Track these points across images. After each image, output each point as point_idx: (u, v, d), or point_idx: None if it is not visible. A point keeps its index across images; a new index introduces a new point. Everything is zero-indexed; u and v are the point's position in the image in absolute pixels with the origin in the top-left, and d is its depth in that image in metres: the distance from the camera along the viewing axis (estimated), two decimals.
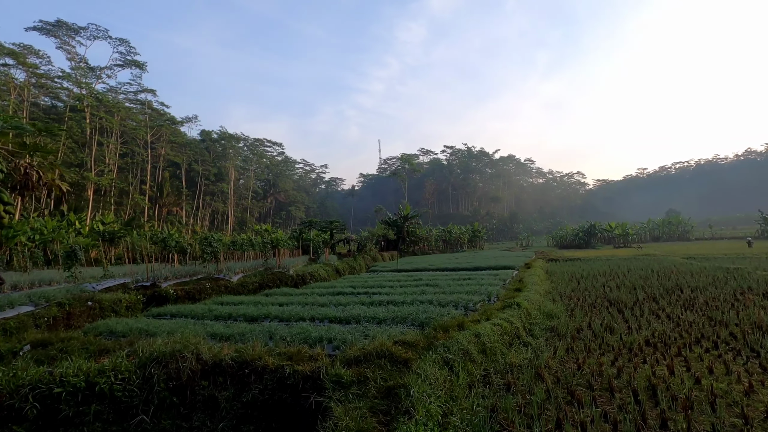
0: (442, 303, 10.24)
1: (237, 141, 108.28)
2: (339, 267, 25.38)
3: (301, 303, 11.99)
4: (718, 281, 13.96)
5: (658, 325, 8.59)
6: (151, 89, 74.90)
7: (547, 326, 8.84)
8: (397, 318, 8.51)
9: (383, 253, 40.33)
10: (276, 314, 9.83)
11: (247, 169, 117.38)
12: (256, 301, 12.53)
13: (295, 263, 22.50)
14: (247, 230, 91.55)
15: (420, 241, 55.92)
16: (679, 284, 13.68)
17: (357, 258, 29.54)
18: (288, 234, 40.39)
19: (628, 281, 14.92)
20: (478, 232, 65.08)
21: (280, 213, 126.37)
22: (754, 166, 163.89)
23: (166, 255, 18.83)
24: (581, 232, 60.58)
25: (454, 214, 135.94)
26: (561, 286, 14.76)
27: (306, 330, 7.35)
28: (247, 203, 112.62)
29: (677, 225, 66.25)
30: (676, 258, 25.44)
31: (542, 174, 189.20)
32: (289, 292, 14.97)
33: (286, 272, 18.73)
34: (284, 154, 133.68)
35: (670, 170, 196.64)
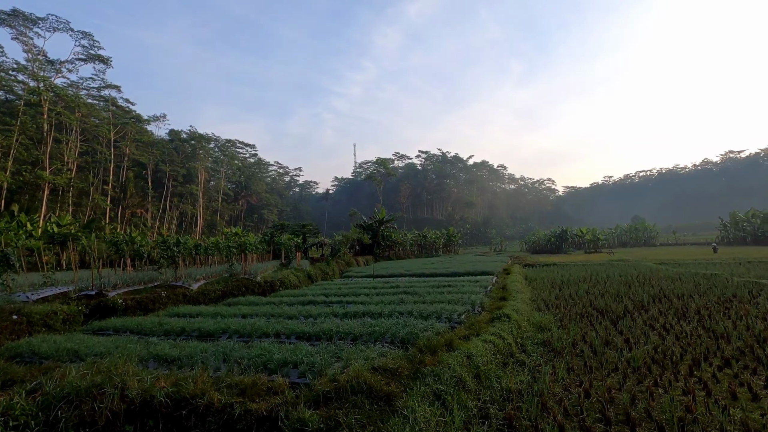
0: (423, 314, 9.29)
1: (208, 141, 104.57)
2: (311, 272, 24.11)
3: (266, 314, 10.77)
4: (701, 288, 13.69)
5: (656, 338, 7.95)
6: (115, 85, 71.06)
7: (539, 340, 8.04)
8: (375, 334, 7.48)
9: (358, 257, 39.22)
10: (236, 329, 8.60)
11: (218, 170, 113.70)
12: (216, 313, 11.20)
13: (264, 269, 21.09)
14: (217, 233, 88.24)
15: (395, 245, 55.12)
16: (663, 291, 13.29)
17: (330, 263, 28.31)
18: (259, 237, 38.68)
19: (611, 288, 14.46)
20: (453, 236, 64.93)
21: (252, 216, 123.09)
22: (711, 175, 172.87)
23: (118, 260, 17.07)
24: (553, 237, 61.45)
25: (428, 219, 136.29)
26: (544, 293, 14.14)
27: (268, 351, 6.20)
28: (218, 205, 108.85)
29: (643, 231, 68.31)
30: (649, 263, 25.57)
31: (514, 180, 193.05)
32: (255, 301, 13.67)
33: (253, 279, 17.34)
34: (257, 155, 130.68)
35: (634, 178, 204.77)
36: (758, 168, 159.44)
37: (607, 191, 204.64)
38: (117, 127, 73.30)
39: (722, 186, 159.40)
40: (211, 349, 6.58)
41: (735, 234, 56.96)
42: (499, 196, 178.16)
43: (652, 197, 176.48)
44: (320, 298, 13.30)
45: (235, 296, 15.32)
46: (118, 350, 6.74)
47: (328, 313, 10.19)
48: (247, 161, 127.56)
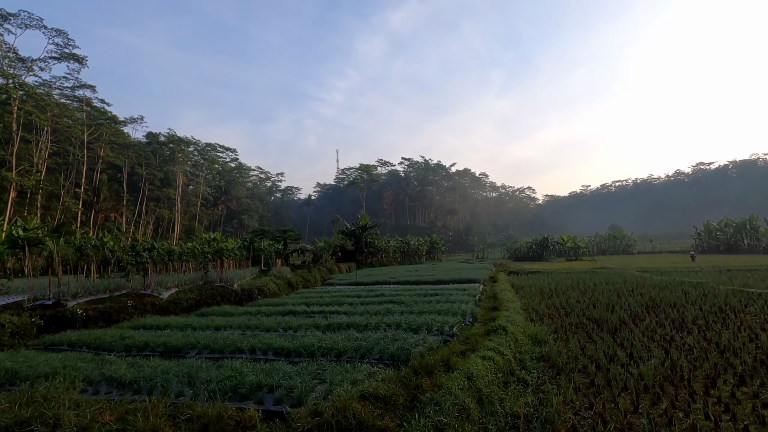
0: (413, 326, 8.63)
1: (187, 145, 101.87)
2: (292, 280, 23.16)
3: (242, 326, 9.92)
4: (691, 297, 13.47)
5: (659, 351, 7.50)
6: (90, 85, 68.34)
7: (537, 354, 7.49)
8: (362, 349, 6.78)
9: (340, 264, 38.32)
10: (206, 343, 7.75)
11: (198, 174, 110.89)
12: (186, 324, 10.27)
13: (241, 276, 20.07)
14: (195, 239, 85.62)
15: (378, 252, 54.37)
16: (655, 300, 13.01)
17: (312, 270, 27.39)
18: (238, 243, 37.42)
19: (601, 297, 14.12)
20: (437, 243, 64.67)
21: (232, 221, 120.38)
22: (683, 186, 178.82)
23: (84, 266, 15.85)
24: (535, 244, 61.87)
25: (411, 226, 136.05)
26: (534, 302, 13.68)
27: (239, 372, 5.43)
28: (196, 210, 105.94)
29: (621, 239, 69.54)
30: (632, 271, 25.63)
31: (495, 188, 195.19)
32: (231, 311, 12.75)
33: (229, 287, 16.36)
34: (238, 160, 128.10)
35: (610, 188, 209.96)
36: (727, 179, 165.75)
37: (585, 200, 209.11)
38: (91, 128, 70.56)
39: (694, 196, 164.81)
40: (175, 369, 5.76)
41: (709, 243, 58.47)
42: (481, 204, 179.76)
43: (628, 206, 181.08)
44: (301, 308, 12.50)
45: (209, 305, 14.33)
46: (66, 370, 5.85)
47: (309, 325, 9.41)
48: (228, 165, 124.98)
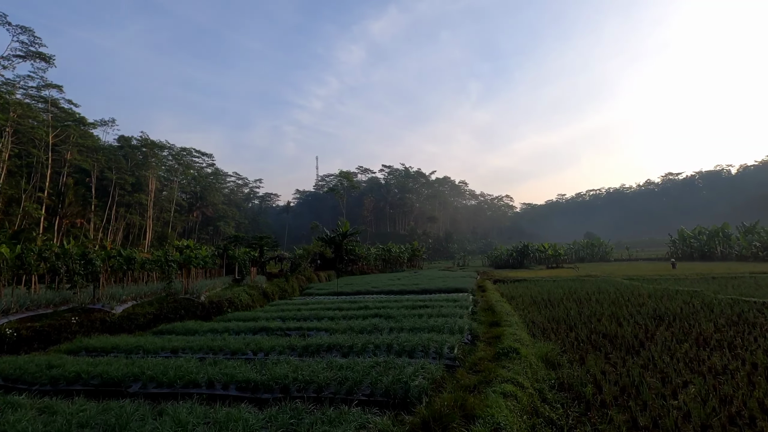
0: (406, 348, 7.36)
1: (161, 149, 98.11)
2: (267, 290, 21.52)
3: (203, 348, 8.42)
4: (694, 307, 12.71)
5: (689, 374, 6.49)
6: (56, 85, 64.50)
7: (554, 380, 6.34)
8: (348, 382, 5.46)
9: (319, 272, 36.70)
10: (154, 374, 6.26)
11: (171, 179, 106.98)
12: (137, 346, 8.68)
13: (210, 286, 18.36)
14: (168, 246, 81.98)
15: (359, 259, 52.89)
16: (658, 311, 12.16)
17: (290, 279, 25.76)
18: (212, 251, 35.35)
19: (600, 308, 13.21)
20: (418, 251, 63.66)
21: (207, 228, 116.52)
22: (653, 195, 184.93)
23: (21, 276, 13.86)
24: (515, 252, 61.69)
25: (391, 233, 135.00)
26: (531, 314, 12.64)
27: (184, 425, 4.03)
28: (170, 217, 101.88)
29: (598, 246, 70.31)
30: (619, 279, 25.11)
31: (475, 196, 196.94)
32: (194, 327, 11.16)
33: (195, 299, 14.68)
34: (214, 165, 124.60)
35: (585, 197, 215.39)
36: (693, 189, 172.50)
37: (561, 208, 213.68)
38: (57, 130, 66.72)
39: (663, 205, 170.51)
40: (97, 420, 4.29)
41: (683, 250, 59.56)
42: (461, 212, 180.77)
43: (602, 214, 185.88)
44: (275, 324, 11.03)
45: (170, 321, 12.65)
46: None
47: (283, 347, 8.00)
48: (204, 171, 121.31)
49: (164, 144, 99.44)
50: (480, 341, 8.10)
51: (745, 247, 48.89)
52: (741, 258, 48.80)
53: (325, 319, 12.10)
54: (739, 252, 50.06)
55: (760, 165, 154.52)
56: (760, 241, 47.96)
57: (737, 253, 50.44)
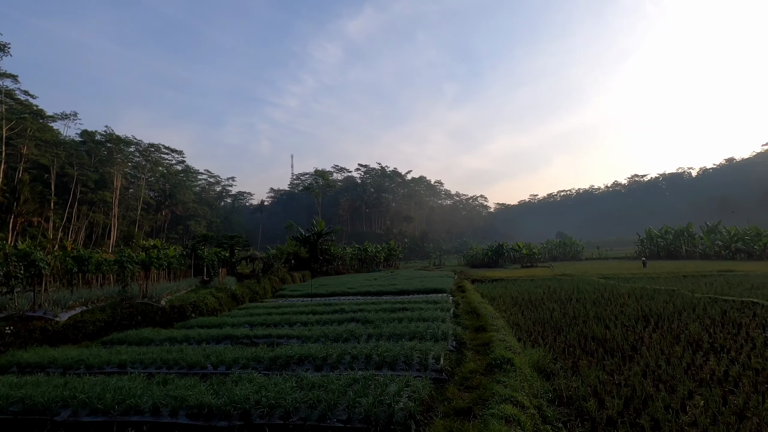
0: (386, 359, 6.61)
1: (127, 144, 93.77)
2: (237, 292, 20.31)
3: (156, 362, 7.40)
4: (676, 306, 12.54)
5: (691, 383, 6.03)
6: (11, 74, 60.32)
7: (551, 393, 5.74)
8: (321, 405, 4.65)
9: (293, 273, 35.50)
10: (89, 398, 5.24)
11: (139, 177, 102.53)
12: (78, 360, 7.57)
13: (174, 289, 17.04)
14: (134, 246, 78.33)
15: (334, 259, 51.85)
16: (643, 311, 11.90)
17: (262, 280, 24.55)
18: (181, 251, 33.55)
19: (583, 309, 12.86)
20: (394, 250, 63.09)
21: (177, 227, 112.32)
22: (620, 196, 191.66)
23: None
24: (490, 251, 62.09)
25: (367, 233, 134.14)
26: (514, 315, 12.13)
27: None
28: (136, 215, 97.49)
29: (571, 246, 71.75)
30: (594, 278, 25.21)
31: (450, 196, 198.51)
32: (150, 336, 10.02)
33: (154, 303, 13.43)
34: (185, 162, 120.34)
35: (556, 197, 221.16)
36: (657, 190, 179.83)
37: (533, 209, 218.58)
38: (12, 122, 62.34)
39: (630, 205, 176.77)
40: None
41: (650, 249, 61.37)
42: (436, 211, 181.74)
43: (573, 215, 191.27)
44: (242, 331, 10.04)
45: (123, 329, 11.40)
46: None
47: (248, 360, 7.09)
48: (173, 168, 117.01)
49: (131, 139, 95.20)
50: (467, 349, 7.46)
51: (709, 246, 50.79)
52: (704, 256, 50.66)
53: (297, 324, 11.19)
54: (702, 251, 51.96)
55: (717, 168, 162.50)
56: (722, 240, 49.92)
57: (701, 251, 52.36)
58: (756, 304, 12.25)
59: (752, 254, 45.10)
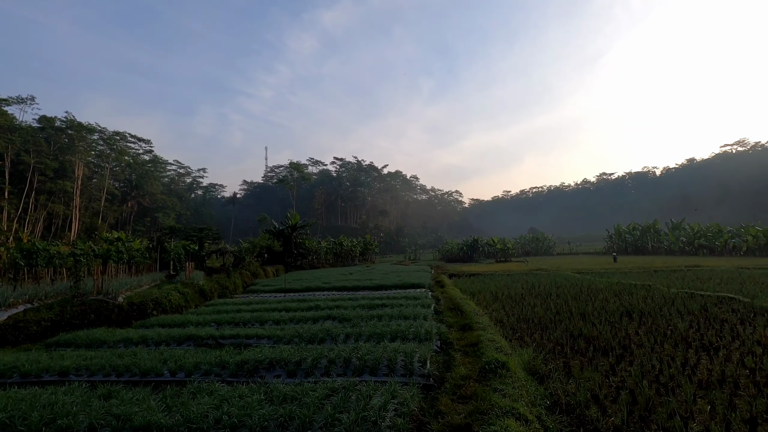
0: (368, 362, 5.97)
1: (90, 132, 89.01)
2: (205, 287, 19.18)
3: (105, 368, 6.49)
4: (656, 302, 12.48)
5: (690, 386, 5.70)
6: None
7: (547, 399, 5.26)
8: (294, 423, 3.96)
9: (266, 267, 34.35)
10: (6, 420, 4.35)
11: (103, 166, 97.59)
12: (12, 367, 6.55)
13: (136, 283, 15.84)
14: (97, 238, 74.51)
15: (309, 253, 50.80)
16: (625, 307, 11.74)
17: (232, 275, 23.40)
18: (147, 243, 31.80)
19: (566, 304, 12.63)
20: (370, 244, 62.50)
21: (144, 219, 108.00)
22: (589, 193, 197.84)
23: None
24: (465, 246, 62.46)
25: (342, 227, 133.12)
26: (496, 312, 11.74)
27: None
28: (100, 206, 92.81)
29: (543, 241, 73.21)
30: (569, 273, 25.40)
31: (426, 191, 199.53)
32: (103, 337, 9.01)
33: (111, 300, 12.29)
34: (153, 152, 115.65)
35: (528, 194, 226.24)
36: (624, 188, 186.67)
37: (506, 204, 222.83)
38: None
39: (598, 202, 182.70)
40: None
41: (619, 244, 63.32)
42: (412, 206, 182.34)
43: (544, 211, 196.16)
44: (207, 330, 9.18)
45: (74, 329, 10.28)
46: None
47: (212, 364, 6.30)
48: (140, 158, 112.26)
49: (94, 127, 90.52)
50: (454, 350, 6.92)
51: (674, 243, 52.73)
52: (669, 252, 52.61)
53: (268, 323, 10.39)
54: (668, 247, 53.91)
55: (680, 168, 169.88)
56: (686, 237, 51.91)
57: (666, 247, 54.32)
58: (732, 299, 12.32)
59: (714, 250, 47.07)
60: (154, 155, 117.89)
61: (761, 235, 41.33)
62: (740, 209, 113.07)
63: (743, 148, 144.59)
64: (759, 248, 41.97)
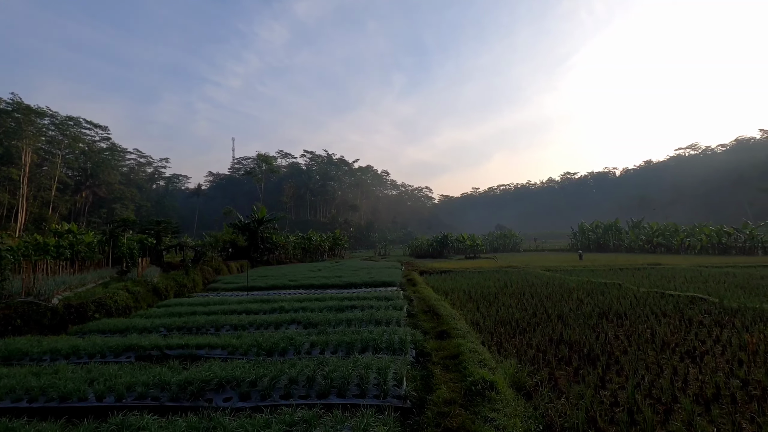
0: (335, 381, 5.16)
1: (40, 116, 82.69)
2: (160, 285, 17.69)
3: (16, 391, 5.35)
4: (630, 302, 12.34)
5: (682, 395, 5.26)
6: None
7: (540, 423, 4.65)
8: None
9: (230, 263, 32.70)
10: None
11: (54, 153, 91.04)
12: None
13: (77, 282, 14.26)
14: (45, 230, 69.36)
15: (276, 248, 49.16)
16: (599, 308, 11.50)
17: (191, 271, 21.87)
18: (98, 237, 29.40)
19: (541, 304, 12.28)
20: (340, 240, 61.37)
21: (100, 211, 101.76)
22: (553, 192, 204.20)
23: None
24: (435, 242, 62.49)
25: (312, 221, 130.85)
26: (470, 312, 11.19)
27: None
28: (50, 196, 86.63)
29: (510, 238, 74.49)
30: (539, 271, 25.51)
31: (396, 186, 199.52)
32: (25, 348, 7.71)
33: (43, 302, 10.82)
34: (110, 140, 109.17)
35: (496, 191, 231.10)
36: (586, 187, 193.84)
37: (474, 201, 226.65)
38: None
39: (561, 201, 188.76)
40: None
41: (582, 241, 65.21)
42: (382, 201, 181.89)
43: (511, 208, 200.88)
44: (151, 340, 8.04)
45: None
46: None
47: (149, 385, 5.29)
48: (97, 145, 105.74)
49: (44, 110, 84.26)
50: (433, 364, 6.22)
51: (634, 241, 54.76)
52: (630, 249, 54.63)
53: (225, 328, 9.36)
54: (628, 244, 55.94)
55: (638, 169, 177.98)
56: (645, 235, 54.03)
57: (627, 245, 56.36)
58: (703, 299, 12.35)
59: (671, 248, 49.19)
60: (111, 143, 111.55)
61: (714, 235, 43.44)
62: (693, 209, 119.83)
63: (695, 151, 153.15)
64: (711, 246, 44.13)
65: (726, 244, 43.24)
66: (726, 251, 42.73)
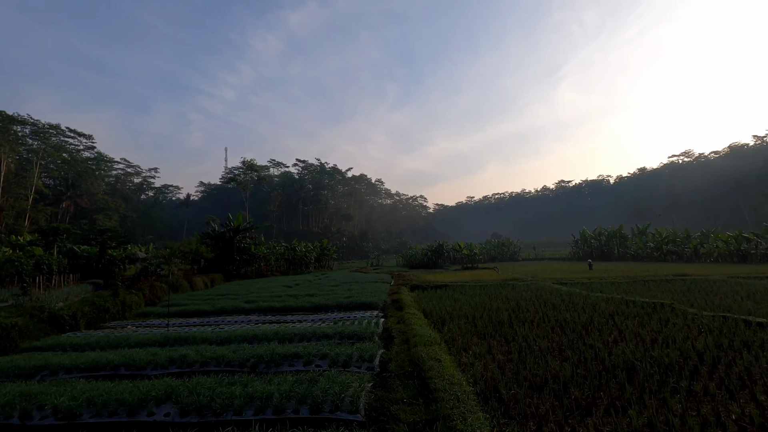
0: None
1: (22, 124, 78.56)
2: (65, 312, 13.51)
3: None
4: (715, 338, 8.43)
5: None
6: None
7: None
8: None
9: (196, 277, 28.42)
10: None
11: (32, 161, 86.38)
12: None
13: None
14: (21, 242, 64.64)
15: (255, 260, 44.86)
16: (684, 351, 7.55)
17: (121, 291, 17.46)
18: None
19: (581, 339, 8.31)
20: (327, 250, 57.11)
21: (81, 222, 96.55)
22: (548, 200, 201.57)
23: None
24: (430, 251, 58.51)
25: (304, 231, 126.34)
26: (479, 359, 7.23)
27: None
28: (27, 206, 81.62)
29: (508, 246, 70.70)
30: (551, 285, 21.50)
31: (390, 195, 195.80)
32: None
33: None
34: (95, 148, 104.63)
35: (491, 200, 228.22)
36: (581, 195, 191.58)
37: (470, 210, 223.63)
38: None
39: (556, 209, 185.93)
40: None
41: (584, 250, 61.44)
42: (376, 210, 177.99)
43: (506, 216, 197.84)
44: None
45: None
46: None
47: None
48: (80, 155, 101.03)
49: (24, 118, 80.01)
50: None
51: (641, 248, 51.04)
52: (636, 258, 50.94)
53: (49, 419, 5.31)
54: (634, 252, 52.25)
55: (632, 177, 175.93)
56: (654, 242, 50.35)
57: (632, 253, 52.65)
58: None
59: (682, 256, 45.55)
60: (97, 152, 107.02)
61: (733, 241, 39.84)
62: (689, 216, 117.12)
63: (689, 158, 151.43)
64: (730, 254, 40.52)
65: (745, 251, 39.62)
66: (745, 259, 39.09)
